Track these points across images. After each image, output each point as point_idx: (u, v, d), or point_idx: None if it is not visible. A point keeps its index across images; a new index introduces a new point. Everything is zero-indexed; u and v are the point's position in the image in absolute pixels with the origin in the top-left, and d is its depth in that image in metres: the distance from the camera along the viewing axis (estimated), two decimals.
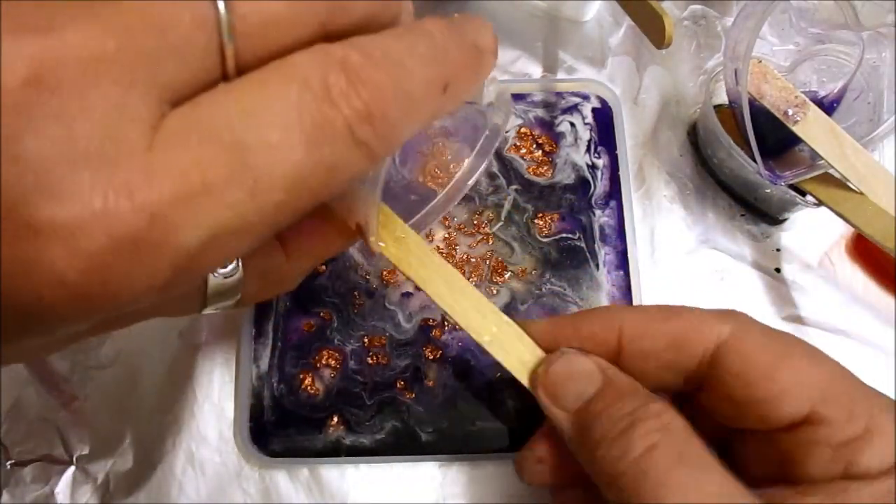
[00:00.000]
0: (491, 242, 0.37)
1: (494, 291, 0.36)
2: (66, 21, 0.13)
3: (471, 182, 0.24)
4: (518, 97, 0.40)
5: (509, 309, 0.35)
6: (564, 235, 0.37)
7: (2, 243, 0.12)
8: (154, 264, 0.14)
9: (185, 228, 0.13)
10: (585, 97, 0.40)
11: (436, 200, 0.25)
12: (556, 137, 0.39)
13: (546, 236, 0.37)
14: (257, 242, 0.15)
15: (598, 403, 0.23)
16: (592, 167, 0.38)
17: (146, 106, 0.13)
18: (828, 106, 0.36)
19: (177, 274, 0.14)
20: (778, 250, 0.38)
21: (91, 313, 0.14)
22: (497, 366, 0.34)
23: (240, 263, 0.22)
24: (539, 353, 0.25)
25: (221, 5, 0.14)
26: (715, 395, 0.23)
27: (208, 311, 0.23)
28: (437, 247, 0.36)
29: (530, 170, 0.38)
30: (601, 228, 0.37)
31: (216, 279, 0.22)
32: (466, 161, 0.24)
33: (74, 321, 0.14)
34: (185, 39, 0.14)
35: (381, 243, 0.24)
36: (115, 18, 0.13)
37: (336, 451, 0.33)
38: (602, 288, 0.36)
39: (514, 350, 0.25)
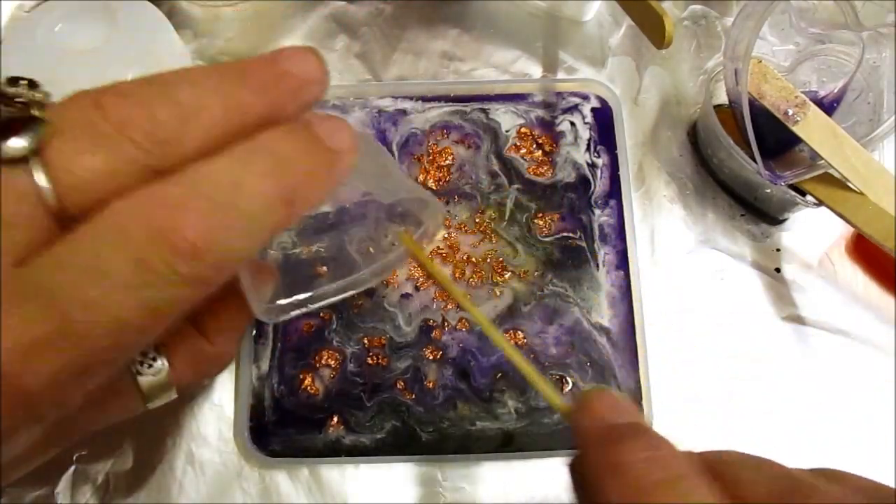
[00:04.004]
0: (493, 241, 0.37)
1: (498, 293, 0.36)
2: None
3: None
4: (518, 97, 0.40)
5: (512, 311, 0.35)
6: (565, 235, 0.37)
7: None
8: None
9: (26, 376, 0.15)
10: (585, 97, 0.40)
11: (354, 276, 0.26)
12: (557, 137, 0.39)
13: (546, 236, 0.37)
14: (107, 375, 0.17)
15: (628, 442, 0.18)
16: (592, 166, 0.38)
17: None
18: (828, 106, 0.36)
19: (16, 412, 0.15)
20: (778, 250, 0.38)
21: None
22: (497, 367, 0.34)
23: (165, 362, 0.23)
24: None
25: (40, 178, 0.15)
26: None
27: (153, 405, 0.24)
28: (438, 247, 0.36)
29: (530, 170, 0.38)
30: (601, 228, 0.37)
31: (146, 378, 0.23)
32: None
33: None
34: (12, 211, 0.15)
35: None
36: None
37: (336, 451, 0.33)
38: (602, 288, 0.36)
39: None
